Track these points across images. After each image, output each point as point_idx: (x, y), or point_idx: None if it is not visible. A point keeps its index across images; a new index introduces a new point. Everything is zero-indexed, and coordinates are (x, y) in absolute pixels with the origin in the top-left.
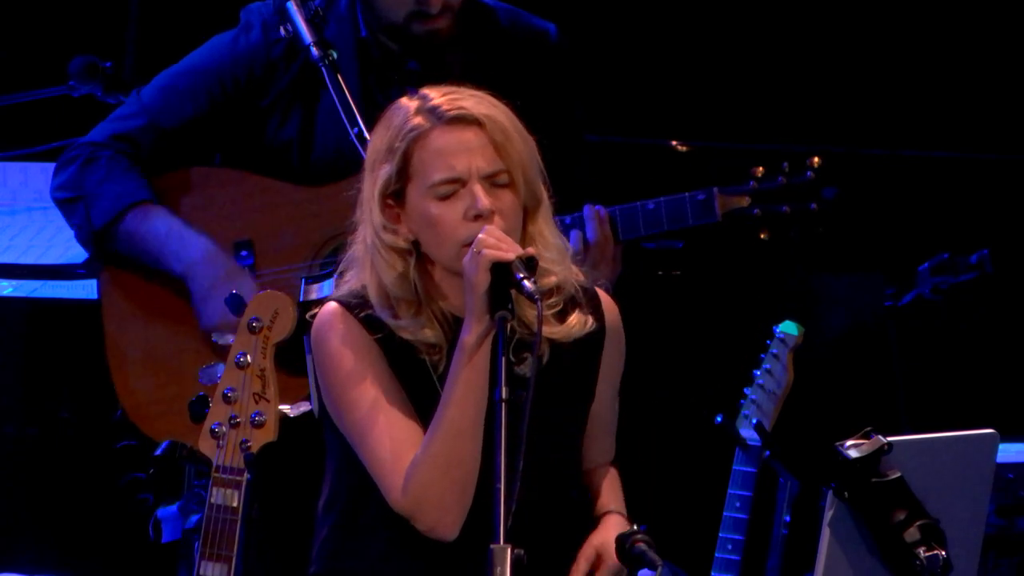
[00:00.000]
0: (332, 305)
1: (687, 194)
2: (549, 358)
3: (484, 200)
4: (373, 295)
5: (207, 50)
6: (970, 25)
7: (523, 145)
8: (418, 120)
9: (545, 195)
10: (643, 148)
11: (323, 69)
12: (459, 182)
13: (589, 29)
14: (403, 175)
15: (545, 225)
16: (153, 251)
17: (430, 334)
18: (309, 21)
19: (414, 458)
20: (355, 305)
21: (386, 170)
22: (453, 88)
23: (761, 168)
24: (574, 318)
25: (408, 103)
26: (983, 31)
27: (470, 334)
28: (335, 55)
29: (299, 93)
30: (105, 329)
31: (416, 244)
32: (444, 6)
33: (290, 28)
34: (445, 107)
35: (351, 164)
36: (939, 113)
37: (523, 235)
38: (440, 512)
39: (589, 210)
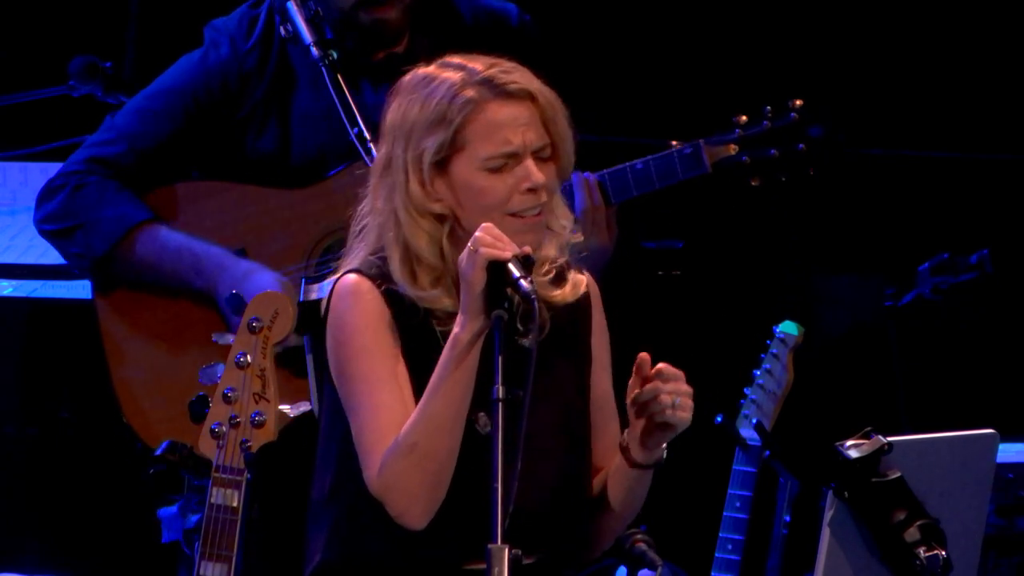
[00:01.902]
0: (354, 276)
1: (674, 150)
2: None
3: (537, 174)
4: (396, 262)
5: (177, 70)
6: (970, 25)
7: (565, 120)
8: (472, 92)
9: None
10: (643, 148)
11: (323, 69)
12: (513, 156)
13: (589, 29)
14: (452, 145)
15: (560, 198)
16: (167, 269)
17: (448, 303)
18: (309, 21)
19: (392, 443)
20: (376, 276)
21: (434, 140)
22: (497, 60)
23: (744, 116)
24: (570, 279)
25: (450, 75)
26: (983, 31)
27: (464, 331)
28: (335, 55)
29: (273, 103)
30: (107, 355)
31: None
32: None
33: (290, 28)
34: (500, 80)
35: (334, 164)
36: (939, 113)
37: None
38: (408, 501)
39: (578, 178)
